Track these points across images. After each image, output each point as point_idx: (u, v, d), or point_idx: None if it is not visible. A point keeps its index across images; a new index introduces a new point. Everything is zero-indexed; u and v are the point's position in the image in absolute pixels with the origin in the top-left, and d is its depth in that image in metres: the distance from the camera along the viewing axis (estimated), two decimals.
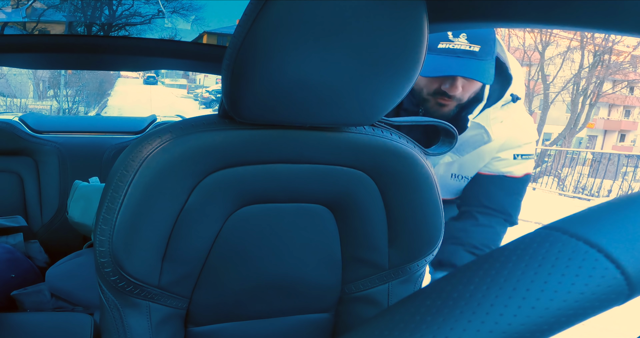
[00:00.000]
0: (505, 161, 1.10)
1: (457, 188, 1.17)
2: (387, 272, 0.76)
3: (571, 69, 14.80)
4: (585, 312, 0.20)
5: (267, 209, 0.68)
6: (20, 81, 13.78)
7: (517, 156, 1.09)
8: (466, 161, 1.10)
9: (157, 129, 0.62)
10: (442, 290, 0.22)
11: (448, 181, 1.14)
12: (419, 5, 0.54)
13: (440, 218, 0.74)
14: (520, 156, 1.10)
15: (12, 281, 1.23)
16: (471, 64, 0.92)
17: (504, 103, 1.05)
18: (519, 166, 1.11)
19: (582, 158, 8.36)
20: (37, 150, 1.60)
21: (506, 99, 1.05)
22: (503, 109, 1.05)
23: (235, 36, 0.53)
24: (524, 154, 1.10)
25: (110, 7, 2.02)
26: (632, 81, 16.56)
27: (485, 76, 0.93)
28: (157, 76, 27.08)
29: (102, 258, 0.61)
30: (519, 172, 1.11)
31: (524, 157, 1.10)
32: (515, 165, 1.11)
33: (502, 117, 1.06)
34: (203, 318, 0.72)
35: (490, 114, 1.04)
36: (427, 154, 0.75)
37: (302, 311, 0.78)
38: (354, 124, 0.65)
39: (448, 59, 0.92)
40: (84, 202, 1.30)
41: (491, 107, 1.03)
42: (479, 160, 1.10)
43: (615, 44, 13.92)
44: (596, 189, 7.15)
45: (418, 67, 0.59)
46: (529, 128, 1.11)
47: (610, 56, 14.44)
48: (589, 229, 0.22)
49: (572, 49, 14.70)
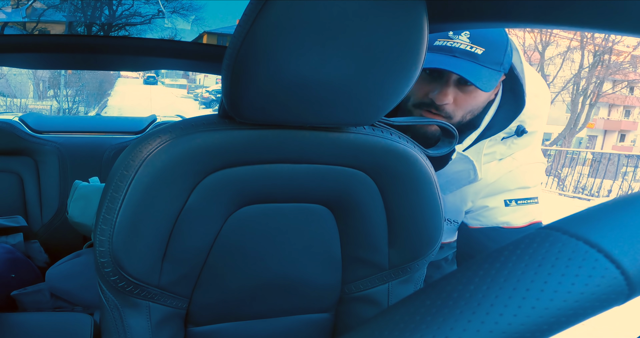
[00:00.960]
0: (496, 209, 0.87)
1: (448, 233, 0.96)
2: (387, 272, 0.76)
3: (571, 69, 14.81)
4: (585, 312, 0.20)
5: (267, 209, 0.68)
6: (20, 81, 13.78)
7: (509, 202, 0.86)
8: (448, 202, 0.90)
9: (157, 129, 0.62)
10: (442, 290, 0.22)
11: None
12: (419, 5, 0.54)
13: (440, 218, 0.74)
14: (514, 201, 0.86)
15: (12, 281, 1.23)
16: (468, 65, 0.75)
17: (504, 137, 0.84)
18: (517, 214, 0.87)
19: (582, 158, 8.36)
20: (37, 150, 1.60)
21: (509, 131, 0.83)
22: (504, 143, 0.84)
23: (235, 36, 0.53)
24: (518, 199, 0.86)
25: (110, 7, 2.02)
26: (632, 81, 16.56)
27: (483, 81, 0.76)
28: (157, 76, 27.09)
29: (102, 258, 0.61)
30: (518, 221, 0.87)
31: (520, 202, 0.86)
32: (510, 214, 0.87)
33: (501, 154, 0.85)
34: (203, 318, 0.72)
35: (484, 148, 0.83)
36: (428, 155, 0.74)
37: (302, 311, 0.78)
38: (354, 124, 0.65)
39: (442, 56, 0.76)
40: (84, 202, 1.30)
41: (487, 139, 0.83)
42: (461, 203, 0.89)
43: (615, 44, 13.93)
44: (596, 189, 7.15)
45: (418, 67, 0.58)
46: (532, 172, 0.88)
47: (610, 56, 14.44)
48: (589, 229, 0.22)
49: (572, 49, 14.71)
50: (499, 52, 0.77)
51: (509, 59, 0.79)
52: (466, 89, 0.79)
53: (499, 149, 0.85)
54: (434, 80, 0.80)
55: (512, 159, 0.87)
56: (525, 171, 0.87)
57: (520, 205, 0.87)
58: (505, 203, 0.86)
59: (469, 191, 0.87)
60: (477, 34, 0.77)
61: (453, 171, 0.84)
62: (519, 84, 0.82)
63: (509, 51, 0.79)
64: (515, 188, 0.87)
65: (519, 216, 0.87)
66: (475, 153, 0.83)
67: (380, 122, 0.71)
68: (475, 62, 0.76)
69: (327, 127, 0.65)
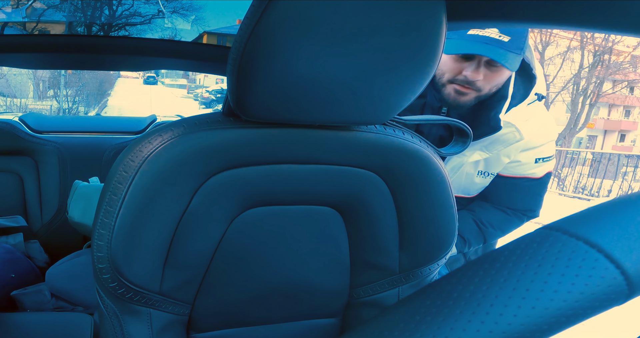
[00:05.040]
0: (527, 164, 1.12)
1: (483, 185, 1.18)
2: (397, 276, 0.74)
3: (571, 69, 14.81)
4: (585, 312, 0.20)
5: (273, 211, 0.65)
6: (20, 81, 13.78)
7: (538, 159, 1.12)
8: (494, 158, 1.12)
9: (158, 127, 0.59)
10: (442, 290, 0.22)
11: (474, 179, 1.14)
12: (439, 5, 0.52)
13: (454, 221, 0.72)
14: (542, 159, 1.12)
15: (12, 281, 1.23)
16: (497, 50, 0.94)
17: (530, 102, 1.07)
18: (540, 169, 1.13)
19: (582, 158, 8.35)
20: (37, 150, 1.59)
21: (532, 98, 1.06)
22: (529, 108, 1.07)
23: (242, 29, 0.50)
24: (544, 158, 1.12)
25: (110, 7, 2.02)
26: (632, 81, 16.55)
27: (510, 63, 0.94)
28: (157, 76, 27.08)
29: (100, 263, 0.58)
30: (540, 173, 1.14)
31: (545, 160, 1.12)
32: (536, 168, 1.13)
33: (527, 116, 1.07)
34: (206, 324, 0.70)
35: (518, 113, 1.05)
36: (441, 155, 0.72)
37: (308, 316, 0.75)
38: (366, 123, 0.62)
39: (476, 43, 0.95)
40: (84, 202, 1.30)
41: (518, 106, 1.05)
42: (506, 157, 1.12)
43: (615, 44, 13.92)
44: (596, 189, 7.15)
45: (434, 66, 0.56)
46: (550, 127, 1.13)
47: (610, 56, 14.44)
48: (589, 229, 0.22)
49: (572, 49, 14.70)
50: (520, 39, 0.95)
51: (526, 45, 0.97)
52: (494, 68, 0.98)
53: (526, 113, 1.06)
54: (467, 60, 0.99)
55: (535, 118, 1.09)
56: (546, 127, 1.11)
57: (544, 162, 1.13)
58: (535, 161, 1.11)
59: (512, 147, 1.08)
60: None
61: (500, 133, 1.03)
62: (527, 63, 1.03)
63: (527, 37, 0.97)
64: (545, 142, 1.10)
65: (541, 170, 1.14)
66: (515, 118, 1.03)
67: (392, 121, 0.69)
68: (503, 47, 0.94)
69: (337, 126, 0.62)
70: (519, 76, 1.08)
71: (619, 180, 7.56)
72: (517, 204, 1.16)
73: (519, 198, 1.15)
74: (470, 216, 1.16)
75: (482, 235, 1.15)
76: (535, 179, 1.14)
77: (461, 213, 1.16)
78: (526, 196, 1.15)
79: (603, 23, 0.54)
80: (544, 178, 1.15)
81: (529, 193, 1.15)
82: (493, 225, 1.15)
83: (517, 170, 1.13)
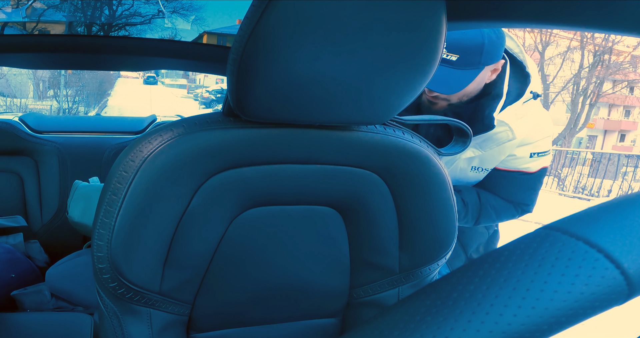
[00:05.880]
0: (522, 159, 1.13)
1: (477, 179, 1.20)
2: (397, 276, 0.74)
3: (571, 69, 14.81)
4: (585, 312, 0.20)
5: (273, 211, 0.65)
6: (20, 81, 13.78)
7: (533, 154, 1.13)
8: (487, 155, 1.14)
9: (158, 127, 0.59)
10: (442, 290, 0.22)
11: (468, 174, 1.17)
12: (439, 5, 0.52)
13: (454, 221, 0.72)
14: (537, 154, 1.13)
15: (12, 281, 1.23)
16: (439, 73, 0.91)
17: (525, 100, 1.08)
18: (535, 163, 1.15)
19: (582, 158, 8.35)
20: (37, 150, 1.60)
21: (527, 96, 1.08)
22: (524, 106, 1.08)
23: (242, 29, 0.50)
24: (540, 152, 1.14)
25: (110, 7, 2.02)
26: (632, 81, 16.56)
27: (449, 84, 0.96)
28: (157, 76, 27.09)
29: (100, 263, 0.58)
30: (535, 168, 1.15)
31: (540, 155, 1.14)
32: (530, 162, 1.14)
33: (522, 114, 1.09)
34: (206, 324, 0.70)
35: (513, 112, 1.07)
36: (441, 155, 0.73)
37: (308, 316, 0.75)
38: (366, 123, 0.62)
39: None
40: (84, 202, 1.30)
41: (513, 105, 1.06)
42: (500, 154, 1.14)
43: (615, 44, 13.92)
44: (596, 189, 7.15)
45: (434, 65, 0.56)
46: (546, 123, 1.14)
47: (610, 56, 14.44)
48: (589, 229, 0.22)
49: (572, 49, 14.70)
50: (473, 55, 0.95)
51: (490, 55, 0.97)
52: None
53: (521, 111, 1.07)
54: None
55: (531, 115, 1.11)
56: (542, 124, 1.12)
57: (540, 157, 1.14)
58: (530, 155, 1.13)
59: (507, 145, 1.10)
60: (452, 42, 0.95)
61: (493, 132, 1.05)
62: (520, 63, 1.07)
63: (486, 49, 0.96)
64: (541, 138, 1.12)
65: (536, 165, 1.15)
66: (509, 116, 1.05)
67: (392, 121, 0.69)
68: (450, 67, 0.95)
69: (337, 126, 0.62)
70: (514, 75, 1.09)
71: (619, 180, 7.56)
72: (511, 197, 1.17)
73: (512, 191, 1.16)
74: (475, 190, 1.18)
75: (479, 208, 1.16)
76: (529, 174, 1.15)
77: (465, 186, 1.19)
78: (520, 190, 1.16)
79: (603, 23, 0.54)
80: (539, 173, 1.16)
81: (523, 186, 1.16)
82: (491, 204, 1.16)
83: (512, 164, 1.14)
